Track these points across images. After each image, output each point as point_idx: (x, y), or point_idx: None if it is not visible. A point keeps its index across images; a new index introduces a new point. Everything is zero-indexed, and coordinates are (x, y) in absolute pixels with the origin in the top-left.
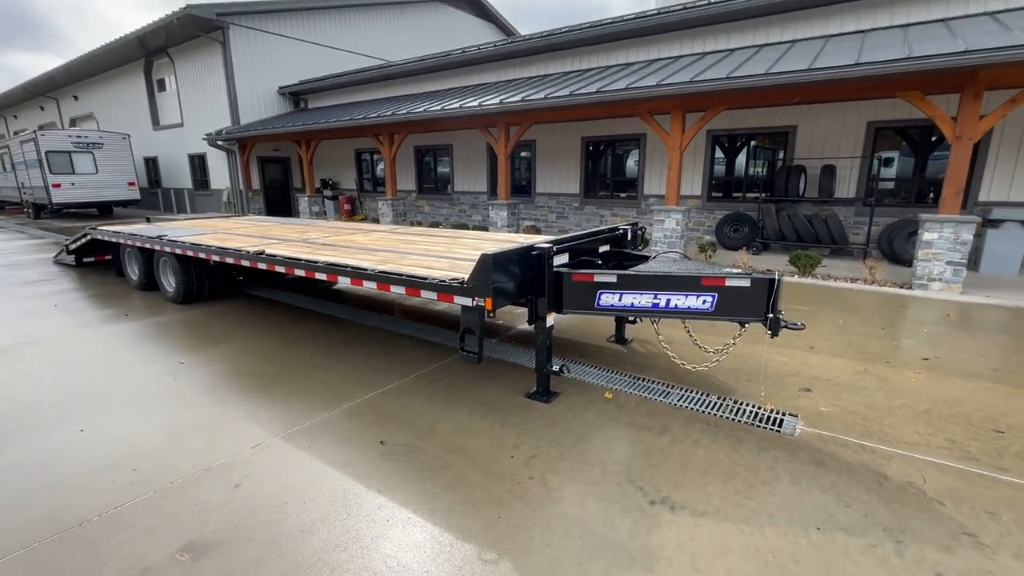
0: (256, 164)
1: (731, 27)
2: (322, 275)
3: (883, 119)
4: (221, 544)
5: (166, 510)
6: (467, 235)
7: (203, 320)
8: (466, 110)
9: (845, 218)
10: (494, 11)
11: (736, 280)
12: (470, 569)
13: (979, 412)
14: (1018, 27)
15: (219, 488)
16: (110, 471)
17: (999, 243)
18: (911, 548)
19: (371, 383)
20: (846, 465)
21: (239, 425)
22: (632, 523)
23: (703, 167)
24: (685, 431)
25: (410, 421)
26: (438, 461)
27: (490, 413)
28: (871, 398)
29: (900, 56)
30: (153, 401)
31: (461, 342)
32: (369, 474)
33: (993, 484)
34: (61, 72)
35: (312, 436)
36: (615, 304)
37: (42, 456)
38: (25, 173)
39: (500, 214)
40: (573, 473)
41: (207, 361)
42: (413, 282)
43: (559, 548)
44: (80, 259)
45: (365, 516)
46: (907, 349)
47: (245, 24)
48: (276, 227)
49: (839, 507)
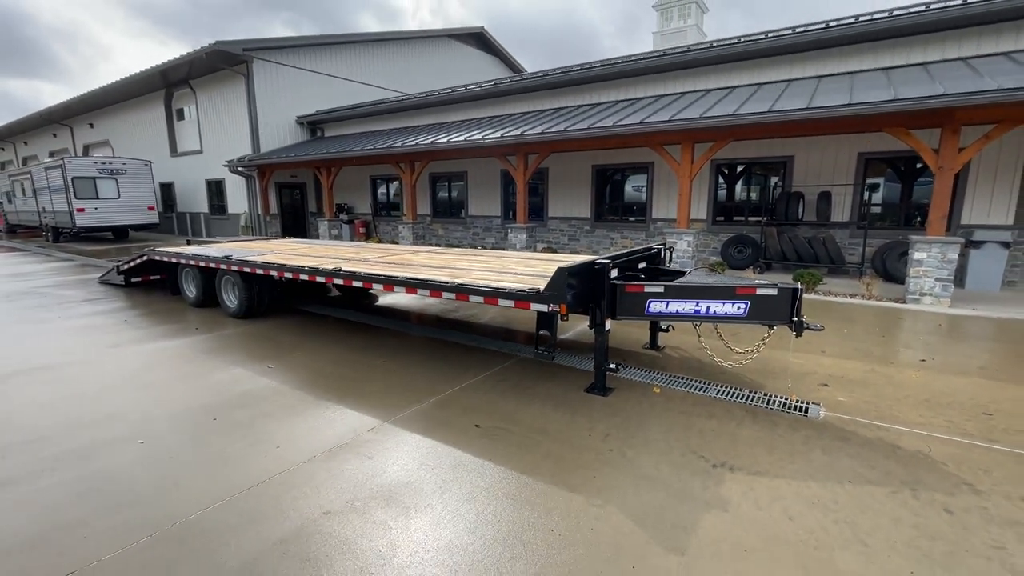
0: (274, 189)
1: (732, 67)
2: (400, 288)
3: (872, 150)
4: (377, 497)
5: (320, 477)
6: (507, 254)
7: (268, 333)
8: (490, 141)
9: (841, 240)
10: (498, 46)
11: (765, 290)
12: (584, 511)
13: (971, 401)
14: (988, 72)
15: (356, 460)
16: (259, 446)
17: (981, 262)
18: (924, 493)
19: (445, 382)
20: (865, 440)
21: (348, 414)
22: (702, 480)
23: (708, 193)
24: (728, 416)
25: (493, 411)
26: (529, 440)
27: (559, 405)
28: (880, 391)
29: (888, 97)
30: (269, 398)
31: (536, 344)
32: (476, 449)
33: (985, 451)
34: (78, 101)
35: (414, 422)
36: (663, 311)
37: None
38: (48, 198)
39: (519, 236)
40: (643, 447)
41: (291, 367)
42: (493, 292)
43: (649, 497)
44: (129, 279)
45: (487, 476)
46: (906, 353)
47: (267, 58)
48: (326, 248)
49: (864, 468)
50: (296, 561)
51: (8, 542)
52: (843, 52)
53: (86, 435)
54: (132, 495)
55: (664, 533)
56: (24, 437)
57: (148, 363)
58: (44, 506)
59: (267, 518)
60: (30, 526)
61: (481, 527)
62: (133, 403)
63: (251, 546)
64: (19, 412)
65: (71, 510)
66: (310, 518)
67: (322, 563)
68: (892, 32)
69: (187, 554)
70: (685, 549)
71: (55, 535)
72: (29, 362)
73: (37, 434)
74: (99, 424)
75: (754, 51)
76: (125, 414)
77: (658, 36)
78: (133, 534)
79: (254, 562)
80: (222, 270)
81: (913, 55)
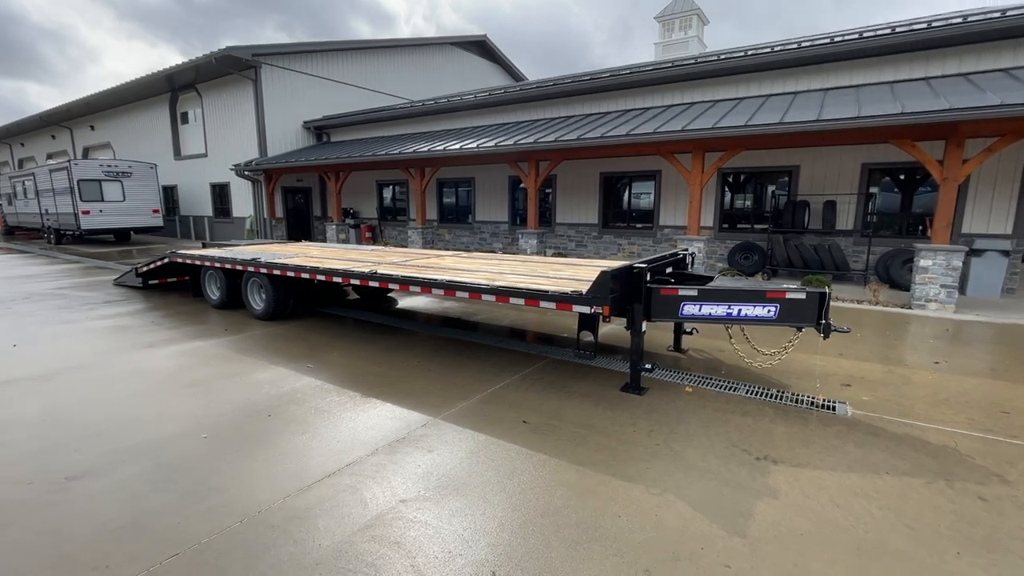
0: (279, 193)
1: (738, 79)
2: (439, 291)
3: (876, 161)
4: (446, 487)
5: (389, 469)
6: (531, 259)
7: (296, 334)
8: (503, 148)
9: (845, 247)
10: (500, 54)
11: (794, 293)
12: (645, 499)
13: (987, 399)
14: (989, 88)
15: (418, 453)
16: (320, 440)
17: (983, 270)
18: (957, 483)
19: (485, 381)
20: (894, 435)
21: (397, 411)
22: (748, 471)
23: (715, 201)
24: (761, 413)
25: (537, 407)
26: (577, 434)
27: (599, 402)
28: (900, 391)
29: (895, 111)
30: (317, 395)
31: (577, 345)
32: (529, 443)
33: (1008, 446)
34: (81, 104)
35: (464, 418)
36: (696, 313)
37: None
38: (52, 200)
39: (530, 242)
40: (687, 441)
41: (329, 366)
42: (533, 294)
43: (703, 486)
44: (147, 281)
45: (545, 467)
46: (919, 356)
47: (275, 64)
48: (347, 251)
49: (897, 460)
50: (385, 544)
51: (111, 526)
52: (848, 66)
53: (146, 430)
54: (211, 484)
55: (724, 518)
56: (85, 432)
57: (187, 363)
58: (130, 494)
59: (347, 505)
60: (123, 513)
61: (551, 513)
62: (183, 400)
63: (339, 529)
64: (72, 409)
65: (156, 498)
66: (388, 505)
67: (412, 546)
68: (895, 48)
69: (281, 536)
70: (746, 532)
71: (148, 520)
72: (67, 361)
73: (96, 429)
74: (155, 420)
75: (761, 64)
76: (177, 410)
77: (660, 47)
78: (223, 520)
79: (346, 543)
80: (249, 272)
81: (915, 70)
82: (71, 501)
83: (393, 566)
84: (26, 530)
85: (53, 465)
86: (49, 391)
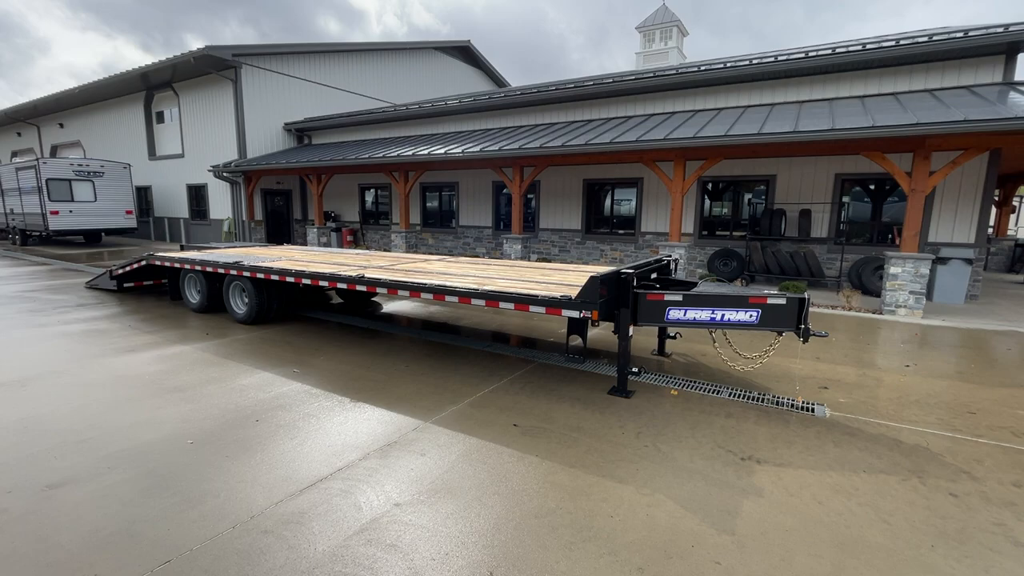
0: (259, 195)
1: (717, 90)
2: (428, 295)
3: (847, 172)
4: (440, 489)
5: (381, 473)
6: (518, 264)
7: (280, 338)
8: (488, 153)
9: (820, 255)
10: (483, 60)
11: (775, 299)
12: (636, 499)
13: (955, 400)
14: (953, 104)
15: (410, 457)
16: (311, 445)
17: (948, 277)
18: (930, 480)
19: (474, 385)
20: (870, 435)
21: (388, 415)
22: (734, 471)
23: (695, 208)
24: (744, 415)
25: (527, 411)
26: (567, 437)
27: (587, 405)
28: (874, 393)
29: (867, 124)
30: (305, 400)
31: (566, 349)
32: (520, 445)
33: (975, 445)
34: (49, 101)
35: (455, 421)
36: (680, 318)
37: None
38: (18, 199)
39: (515, 247)
40: (675, 443)
41: (316, 370)
42: (524, 299)
43: (692, 486)
44: (122, 284)
45: (538, 469)
46: (891, 359)
47: (256, 64)
48: (332, 255)
49: (874, 459)
50: (381, 547)
51: (100, 534)
52: (821, 80)
53: (130, 436)
54: (200, 491)
55: (713, 517)
56: (67, 439)
57: (169, 367)
58: (118, 501)
59: (341, 509)
60: (111, 520)
61: (545, 514)
62: (167, 406)
63: (334, 533)
64: (51, 416)
65: (144, 505)
66: (383, 509)
67: (408, 548)
68: (866, 63)
69: (275, 541)
70: (734, 530)
71: (137, 528)
72: (42, 367)
73: (79, 436)
74: (139, 426)
75: (740, 76)
76: (162, 416)
77: (641, 56)
78: (215, 526)
79: (342, 547)
80: (231, 275)
81: (884, 85)
82: (56, 509)
83: (390, 568)
84: (12, 537)
85: (34, 473)
86: (25, 398)
